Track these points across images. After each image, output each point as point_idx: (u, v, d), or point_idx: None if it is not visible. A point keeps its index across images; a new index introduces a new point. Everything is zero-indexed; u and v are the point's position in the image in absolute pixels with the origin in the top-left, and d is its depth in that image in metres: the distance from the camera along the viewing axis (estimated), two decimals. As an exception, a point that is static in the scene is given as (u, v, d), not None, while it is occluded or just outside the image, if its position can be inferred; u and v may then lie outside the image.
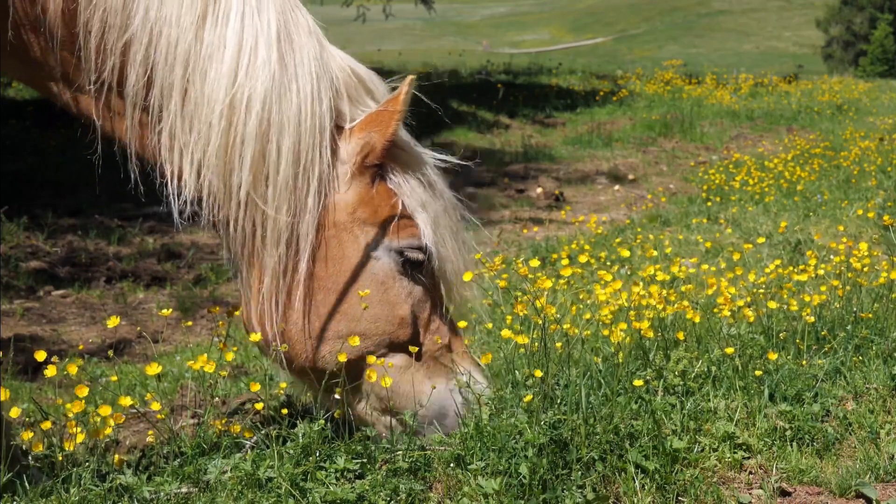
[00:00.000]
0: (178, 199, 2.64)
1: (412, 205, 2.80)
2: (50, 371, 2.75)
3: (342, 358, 2.72)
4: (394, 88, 2.85)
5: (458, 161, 3.04)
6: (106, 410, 2.70)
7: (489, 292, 6.20)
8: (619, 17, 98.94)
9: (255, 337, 2.79)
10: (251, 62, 2.59)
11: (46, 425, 2.73)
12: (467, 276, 2.94)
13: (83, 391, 2.68)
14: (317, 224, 2.71)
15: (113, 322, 3.00)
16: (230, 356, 3.03)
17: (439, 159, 2.96)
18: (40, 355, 2.80)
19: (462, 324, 3.02)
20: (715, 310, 4.24)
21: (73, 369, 2.72)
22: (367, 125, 2.75)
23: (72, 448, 2.68)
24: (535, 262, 3.67)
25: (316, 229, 2.71)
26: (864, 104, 21.24)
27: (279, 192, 2.64)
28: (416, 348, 2.83)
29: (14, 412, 2.71)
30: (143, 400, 3.64)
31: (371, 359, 2.76)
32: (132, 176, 2.66)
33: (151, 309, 6.96)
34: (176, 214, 2.65)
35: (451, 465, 2.68)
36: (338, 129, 2.75)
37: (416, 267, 2.82)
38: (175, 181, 2.64)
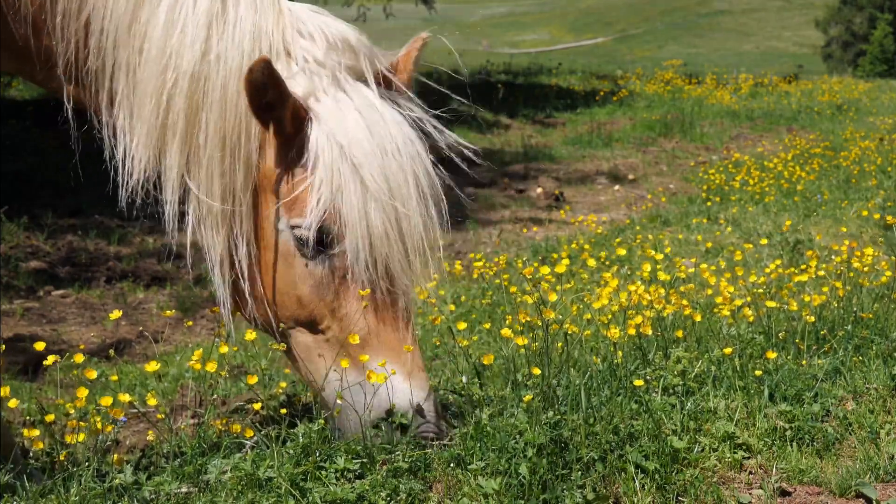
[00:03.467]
0: (127, 182, 2.65)
1: (314, 181, 2.63)
2: (49, 360, 2.76)
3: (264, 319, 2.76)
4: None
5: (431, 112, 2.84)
6: (107, 401, 2.70)
7: (489, 292, 6.20)
8: (619, 17, 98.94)
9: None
10: (180, 42, 2.56)
11: (50, 418, 2.73)
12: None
13: (83, 392, 2.69)
14: (254, 194, 2.67)
15: (115, 315, 3.01)
16: (224, 348, 3.03)
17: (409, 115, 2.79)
18: (40, 345, 2.80)
19: (461, 325, 2.89)
20: (715, 309, 4.24)
21: (79, 358, 2.72)
22: None
23: (80, 439, 2.67)
24: (545, 270, 3.68)
25: (252, 199, 2.67)
26: (864, 104, 21.24)
27: (209, 175, 2.61)
28: (323, 330, 2.72)
29: (12, 403, 2.71)
30: (143, 400, 3.64)
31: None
32: (108, 159, 2.69)
33: (151, 309, 6.96)
34: (123, 197, 2.65)
35: (451, 465, 2.68)
36: None
37: (318, 249, 2.66)
38: (126, 163, 2.65)
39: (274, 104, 2.58)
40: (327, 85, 2.69)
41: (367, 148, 2.64)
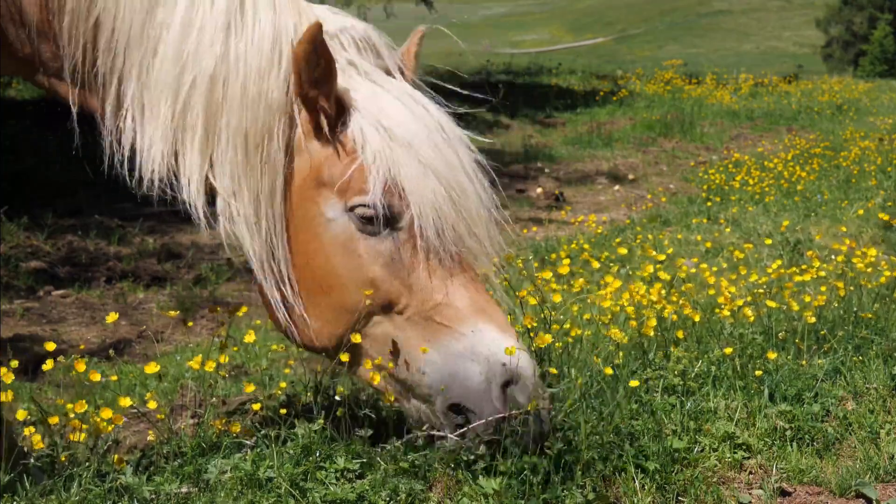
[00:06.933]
0: (138, 181, 2.60)
1: (367, 157, 2.59)
2: (48, 365, 2.75)
3: (325, 338, 2.69)
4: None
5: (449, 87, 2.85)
6: (107, 413, 2.70)
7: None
8: (619, 17, 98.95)
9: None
10: (198, 42, 2.53)
11: (54, 420, 2.73)
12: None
13: (83, 406, 2.68)
14: (284, 198, 2.63)
15: (111, 318, 3.00)
16: (224, 358, 3.02)
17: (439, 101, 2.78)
18: (50, 346, 2.79)
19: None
20: (716, 310, 4.24)
21: (80, 367, 2.72)
22: None
23: (81, 438, 2.67)
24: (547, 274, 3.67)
25: (283, 203, 2.63)
26: (864, 104, 21.25)
27: (234, 177, 2.57)
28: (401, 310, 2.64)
29: (20, 414, 2.70)
30: (142, 400, 3.64)
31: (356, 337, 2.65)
32: (109, 162, 2.63)
33: (151, 309, 6.95)
34: (137, 193, 2.59)
35: (451, 465, 2.68)
36: None
37: (384, 223, 2.60)
38: (136, 163, 2.60)
39: (322, 79, 2.54)
40: (360, 80, 2.69)
41: (413, 128, 2.64)
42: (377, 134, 2.61)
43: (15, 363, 2.71)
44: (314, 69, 2.53)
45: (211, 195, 2.64)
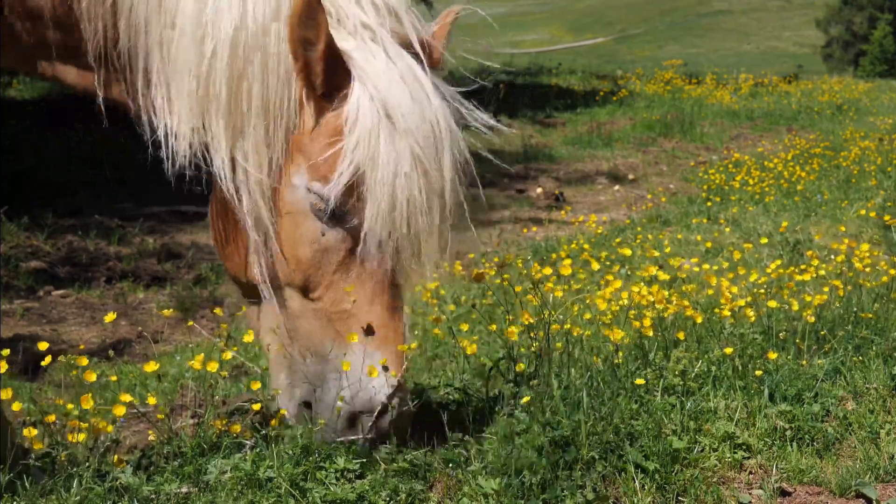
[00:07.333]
0: (174, 161, 2.56)
1: (349, 143, 2.52)
2: (47, 360, 2.75)
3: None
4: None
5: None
6: (102, 424, 2.69)
7: (489, 292, 6.20)
8: (619, 17, 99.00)
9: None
10: (215, 10, 2.49)
11: (51, 418, 2.73)
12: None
13: (89, 402, 2.69)
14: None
15: (110, 318, 3.00)
16: (228, 355, 3.02)
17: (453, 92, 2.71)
18: (43, 345, 2.79)
19: (464, 326, 2.73)
20: (716, 310, 4.24)
21: (91, 377, 2.72)
22: None
23: (81, 438, 2.67)
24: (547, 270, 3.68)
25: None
26: (864, 104, 21.26)
27: (255, 145, 2.54)
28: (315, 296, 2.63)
29: (16, 406, 2.70)
30: (143, 400, 3.64)
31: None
32: (145, 140, 2.61)
33: (151, 309, 6.95)
34: (170, 172, 2.56)
35: (451, 464, 2.68)
36: None
37: (332, 218, 2.57)
38: (170, 142, 2.57)
39: (312, 41, 2.47)
40: (374, 47, 2.60)
41: (410, 121, 2.55)
42: (372, 116, 2.53)
43: (4, 366, 2.70)
44: (304, 28, 2.45)
45: (234, 166, 2.59)
